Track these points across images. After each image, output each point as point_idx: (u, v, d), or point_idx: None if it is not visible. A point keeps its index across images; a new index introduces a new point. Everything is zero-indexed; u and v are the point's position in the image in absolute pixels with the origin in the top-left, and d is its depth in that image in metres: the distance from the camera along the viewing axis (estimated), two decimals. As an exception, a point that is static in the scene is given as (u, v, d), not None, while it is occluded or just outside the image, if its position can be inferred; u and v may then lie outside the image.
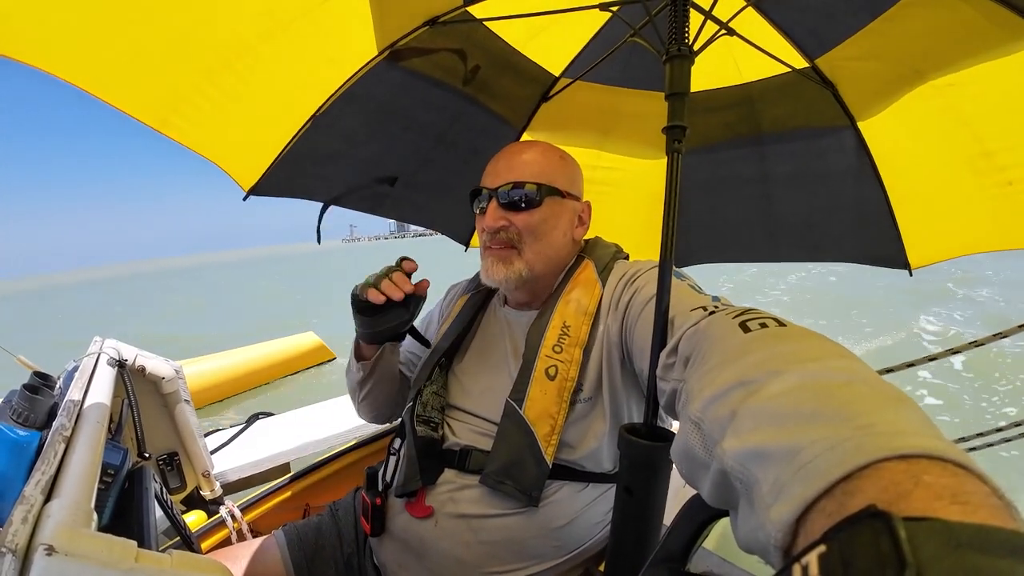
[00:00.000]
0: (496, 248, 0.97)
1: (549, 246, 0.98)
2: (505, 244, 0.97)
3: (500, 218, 0.96)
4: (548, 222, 0.96)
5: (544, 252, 0.97)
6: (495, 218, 0.96)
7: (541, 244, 0.97)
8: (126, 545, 0.40)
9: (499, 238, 0.97)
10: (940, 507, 0.23)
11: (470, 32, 1.19)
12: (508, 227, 0.96)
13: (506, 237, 0.96)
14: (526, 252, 0.96)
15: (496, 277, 0.97)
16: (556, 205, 0.97)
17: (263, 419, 2.51)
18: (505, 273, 0.96)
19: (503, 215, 0.96)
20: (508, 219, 0.95)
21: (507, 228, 0.96)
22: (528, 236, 0.96)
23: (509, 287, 0.99)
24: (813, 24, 1.17)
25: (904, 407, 0.33)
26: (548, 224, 0.97)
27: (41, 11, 0.73)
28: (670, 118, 0.82)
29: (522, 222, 0.95)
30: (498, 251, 0.97)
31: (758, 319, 0.52)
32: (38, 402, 0.62)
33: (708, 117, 1.45)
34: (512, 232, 0.96)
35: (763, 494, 0.32)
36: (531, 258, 0.96)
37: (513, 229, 0.96)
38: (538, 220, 0.95)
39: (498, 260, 0.97)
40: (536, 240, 0.96)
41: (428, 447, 0.94)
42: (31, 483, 0.45)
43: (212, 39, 0.91)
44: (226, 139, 1.09)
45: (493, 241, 0.97)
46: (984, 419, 3.86)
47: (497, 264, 0.97)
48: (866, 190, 1.43)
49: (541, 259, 0.97)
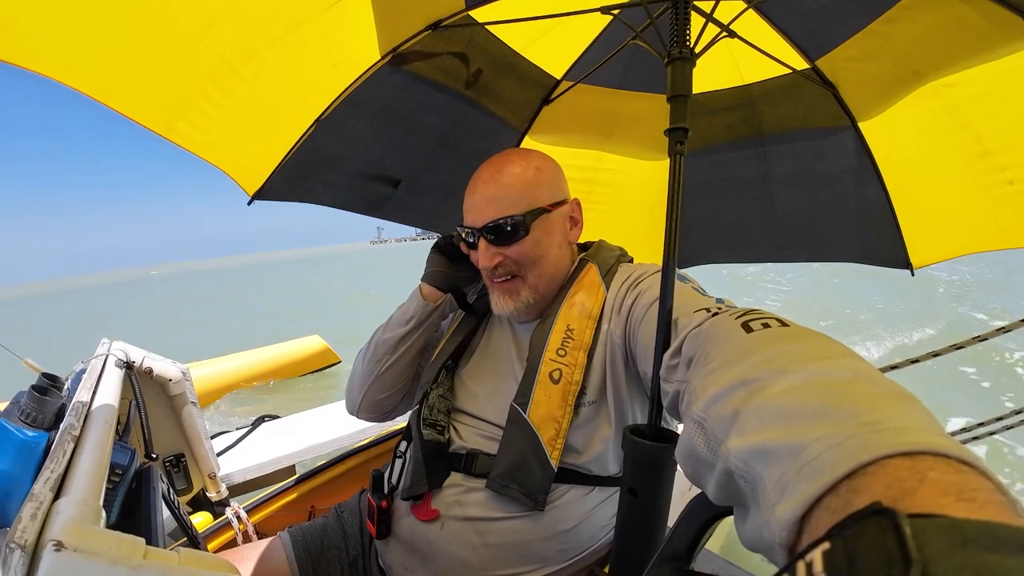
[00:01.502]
0: (500, 282, 0.97)
1: (548, 264, 0.97)
2: (508, 276, 0.97)
3: (495, 255, 0.95)
4: (542, 243, 0.96)
5: (545, 272, 0.97)
6: (489, 257, 0.95)
7: (541, 266, 0.96)
8: (135, 542, 0.40)
9: (499, 272, 0.96)
10: (946, 504, 0.23)
11: (472, 36, 1.19)
12: (504, 261, 0.95)
13: (505, 271, 0.96)
14: (529, 278, 0.96)
15: (506, 310, 0.97)
16: (545, 223, 0.96)
17: (269, 421, 2.52)
18: (515, 305, 0.96)
19: (496, 251, 0.95)
20: (502, 254, 0.95)
21: (503, 263, 0.95)
22: (527, 263, 0.95)
23: (519, 316, 1.00)
24: (813, 26, 1.17)
25: (908, 404, 0.33)
26: (542, 245, 0.96)
27: (46, 19, 0.73)
28: (672, 120, 0.82)
29: (516, 253, 0.94)
30: (502, 284, 0.97)
31: (761, 319, 0.52)
32: (46, 403, 0.62)
33: (710, 119, 1.45)
34: (510, 264, 0.95)
35: (767, 492, 0.32)
36: (535, 282, 0.96)
37: (510, 262, 0.95)
38: (531, 246, 0.94)
39: (504, 294, 0.97)
40: (535, 265, 0.96)
41: (434, 450, 0.94)
42: (40, 481, 0.45)
43: (217, 45, 0.92)
44: (230, 144, 1.10)
45: (494, 275, 0.97)
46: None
47: (504, 298, 0.97)
48: (867, 190, 1.43)
49: (544, 280, 0.97)
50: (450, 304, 1.15)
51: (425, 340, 1.13)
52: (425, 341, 1.14)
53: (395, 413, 1.21)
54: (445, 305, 1.10)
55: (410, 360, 1.13)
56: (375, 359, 1.13)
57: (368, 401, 1.17)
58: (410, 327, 1.09)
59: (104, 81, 0.85)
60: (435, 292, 1.08)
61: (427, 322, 1.09)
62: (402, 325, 1.09)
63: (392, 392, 1.16)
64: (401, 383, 1.15)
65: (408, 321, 1.09)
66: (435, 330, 1.14)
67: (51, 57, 0.78)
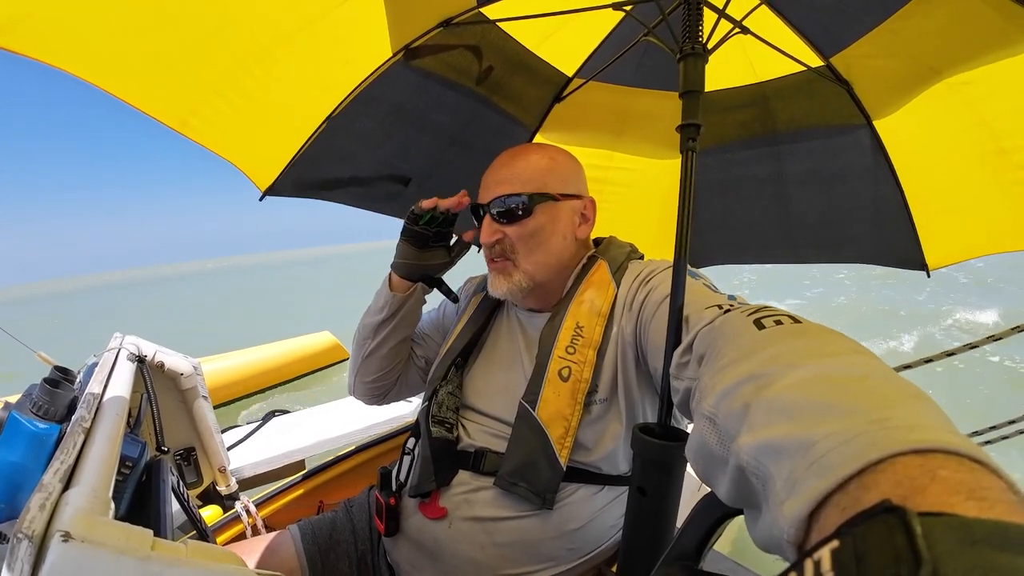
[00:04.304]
0: (494, 261, 0.98)
1: (548, 254, 0.97)
2: (501, 256, 0.97)
3: (495, 232, 0.95)
4: (545, 229, 0.95)
5: (543, 261, 0.97)
6: (489, 232, 0.95)
7: (538, 253, 0.96)
8: (143, 533, 0.40)
9: (495, 251, 0.97)
10: (956, 502, 0.23)
11: (484, 33, 1.19)
12: (502, 239, 0.96)
13: (501, 250, 0.96)
14: (522, 263, 0.96)
15: (499, 291, 0.98)
16: (550, 210, 0.95)
17: (279, 416, 2.54)
18: (507, 286, 0.96)
19: (497, 228, 0.95)
20: (502, 231, 0.95)
21: (501, 240, 0.96)
22: (522, 246, 0.95)
23: (515, 299, 0.99)
24: (827, 22, 1.16)
25: (920, 402, 0.32)
26: (544, 231, 0.95)
27: (63, 15, 0.74)
28: (684, 116, 0.82)
29: (515, 233, 0.95)
30: (496, 264, 0.98)
31: (773, 316, 0.51)
32: (58, 396, 0.63)
33: (723, 116, 1.44)
34: (506, 244, 0.96)
35: (777, 489, 0.32)
36: (529, 268, 0.96)
37: (507, 241, 0.95)
38: (531, 230, 0.94)
39: (498, 274, 0.98)
40: (532, 251, 0.95)
41: (443, 448, 0.94)
42: (50, 472, 0.45)
43: (231, 42, 0.92)
44: (243, 140, 1.11)
45: (491, 255, 0.98)
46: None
47: (498, 277, 0.98)
48: (883, 189, 1.41)
49: (541, 268, 0.97)
50: (464, 295, 1.17)
51: (407, 329, 1.13)
52: (407, 330, 1.14)
53: (392, 397, 1.22)
54: (419, 293, 1.10)
55: (393, 348, 1.13)
56: (358, 342, 1.15)
57: (359, 384, 1.19)
58: (384, 315, 1.09)
59: (121, 76, 0.87)
60: (403, 283, 1.08)
61: (402, 310, 1.09)
62: (378, 312, 1.10)
63: (380, 376, 1.16)
64: (387, 369, 1.15)
65: (382, 309, 1.09)
66: (416, 318, 1.14)
67: (68, 52, 0.79)
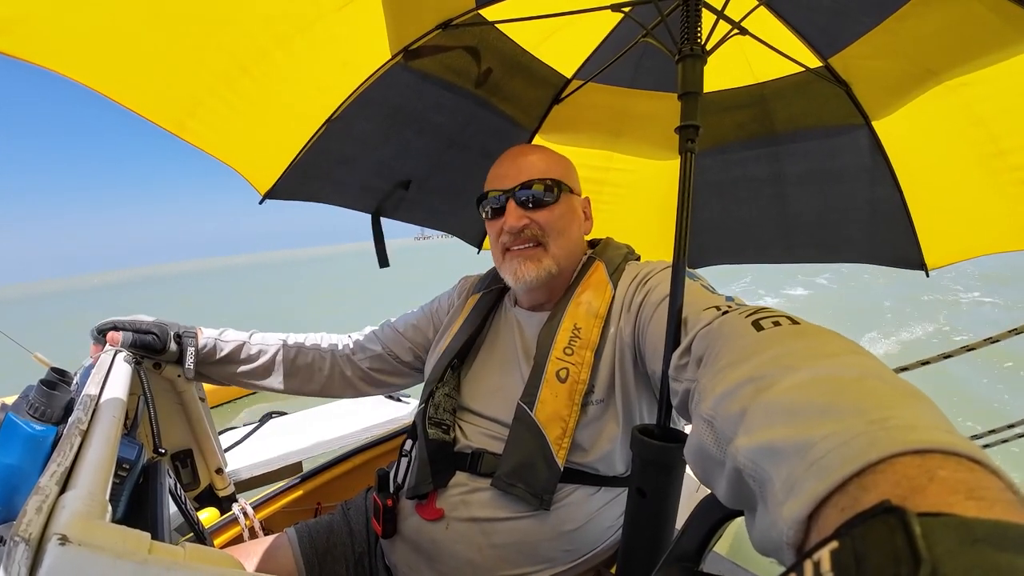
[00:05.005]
0: (521, 248, 0.97)
1: (570, 240, 0.99)
2: (531, 242, 0.97)
3: (522, 217, 0.96)
4: (566, 217, 0.98)
5: (567, 247, 0.99)
6: (517, 217, 0.96)
7: (563, 239, 0.98)
8: (140, 536, 0.40)
9: (523, 237, 0.97)
10: (956, 502, 0.23)
11: (483, 35, 1.19)
12: (530, 224, 0.96)
13: (531, 235, 0.97)
14: (552, 247, 0.97)
15: (528, 277, 0.96)
16: (571, 201, 1.00)
17: (276, 417, 2.53)
18: (536, 272, 0.96)
19: (524, 214, 0.96)
20: (530, 217, 0.96)
21: (529, 226, 0.96)
22: (552, 232, 0.97)
23: (539, 285, 0.98)
24: (826, 23, 1.16)
25: (918, 402, 0.32)
26: (567, 219, 0.98)
27: (59, 16, 0.74)
28: (683, 117, 0.82)
29: (544, 219, 0.96)
30: (525, 251, 0.97)
31: (771, 317, 0.51)
32: (55, 397, 0.62)
33: (721, 117, 1.44)
34: (535, 229, 0.96)
35: (775, 491, 0.32)
36: (557, 253, 0.97)
37: (535, 226, 0.96)
38: (558, 215, 0.97)
39: (526, 259, 0.97)
40: (559, 235, 0.97)
41: (439, 450, 0.94)
42: (46, 474, 0.45)
43: (229, 44, 0.92)
44: (242, 143, 1.10)
45: (516, 241, 0.97)
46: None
47: (526, 263, 0.97)
48: (881, 190, 1.41)
49: (565, 254, 0.99)
50: (459, 294, 1.19)
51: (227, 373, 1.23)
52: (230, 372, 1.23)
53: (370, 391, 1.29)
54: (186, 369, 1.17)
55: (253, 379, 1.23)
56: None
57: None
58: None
59: (117, 79, 0.86)
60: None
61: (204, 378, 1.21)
62: None
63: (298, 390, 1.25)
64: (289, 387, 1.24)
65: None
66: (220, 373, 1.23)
67: (64, 55, 0.78)
